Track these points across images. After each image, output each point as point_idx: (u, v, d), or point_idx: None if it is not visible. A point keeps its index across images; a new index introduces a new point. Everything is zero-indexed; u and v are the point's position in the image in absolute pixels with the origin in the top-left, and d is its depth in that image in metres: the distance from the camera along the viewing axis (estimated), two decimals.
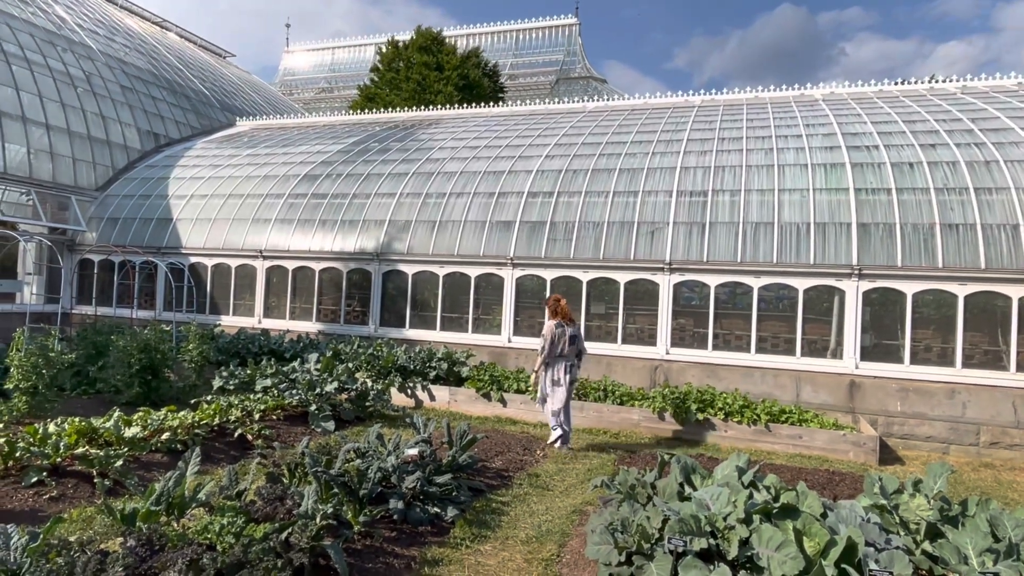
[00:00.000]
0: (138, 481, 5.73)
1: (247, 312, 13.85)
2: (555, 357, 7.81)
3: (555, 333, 7.75)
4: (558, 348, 7.75)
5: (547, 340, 7.75)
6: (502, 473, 6.86)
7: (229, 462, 6.70)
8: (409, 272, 12.54)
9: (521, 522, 5.46)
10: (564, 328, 7.81)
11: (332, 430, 8.21)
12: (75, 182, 15.82)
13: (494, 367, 11.02)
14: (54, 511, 4.98)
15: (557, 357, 7.80)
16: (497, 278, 11.92)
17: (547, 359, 7.83)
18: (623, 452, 8.11)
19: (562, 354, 7.80)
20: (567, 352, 7.82)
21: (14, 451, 5.35)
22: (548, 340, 7.74)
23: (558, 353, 7.78)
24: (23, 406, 7.40)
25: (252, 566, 3.44)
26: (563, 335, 7.78)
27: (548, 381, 7.88)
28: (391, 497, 5.04)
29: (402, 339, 12.28)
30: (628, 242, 11.20)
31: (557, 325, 7.80)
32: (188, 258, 14.39)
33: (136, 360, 8.71)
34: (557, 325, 7.80)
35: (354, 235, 13.14)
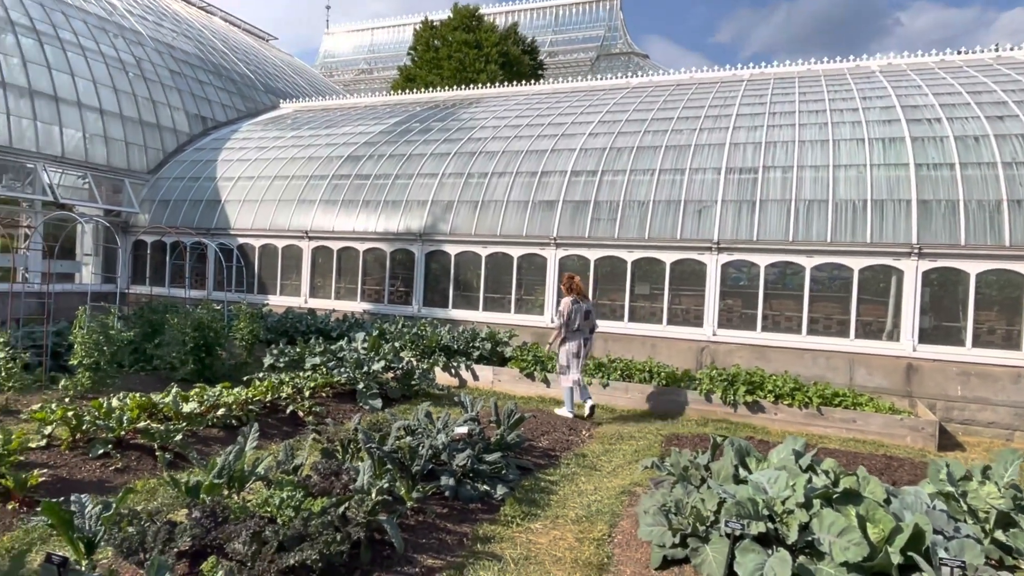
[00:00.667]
0: (197, 455, 5.90)
1: (294, 292, 14.11)
2: (572, 332, 8.31)
3: (572, 309, 8.24)
4: (575, 323, 8.27)
5: (564, 316, 8.24)
6: (549, 453, 6.85)
7: (282, 437, 6.85)
8: (452, 252, 12.56)
9: (570, 501, 5.44)
10: (580, 304, 8.33)
11: (379, 408, 8.32)
12: (128, 165, 16.27)
13: (537, 347, 10.99)
14: (120, 482, 5.17)
15: (575, 331, 8.32)
16: (540, 258, 11.84)
17: (565, 334, 8.31)
18: (669, 434, 8.02)
19: (579, 328, 8.34)
20: (583, 326, 8.37)
21: (81, 424, 5.55)
22: (565, 316, 8.24)
23: (575, 328, 8.29)
24: (87, 381, 7.69)
25: (312, 539, 3.49)
26: (579, 311, 8.31)
27: (568, 355, 8.36)
28: (442, 474, 5.07)
29: (445, 319, 12.35)
30: (674, 221, 10.98)
31: (573, 301, 8.29)
32: (236, 239, 14.69)
33: (190, 338, 8.96)
34: (573, 301, 8.29)
35: (397, 215, 13.20)
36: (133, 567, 3.23)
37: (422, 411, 6.18)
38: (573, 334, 8.33)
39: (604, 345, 11.15)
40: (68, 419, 5.53)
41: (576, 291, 8.36)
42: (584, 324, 8.36)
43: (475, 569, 4.09)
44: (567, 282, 8.44)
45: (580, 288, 8.42)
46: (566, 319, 8.23)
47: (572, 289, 8.37)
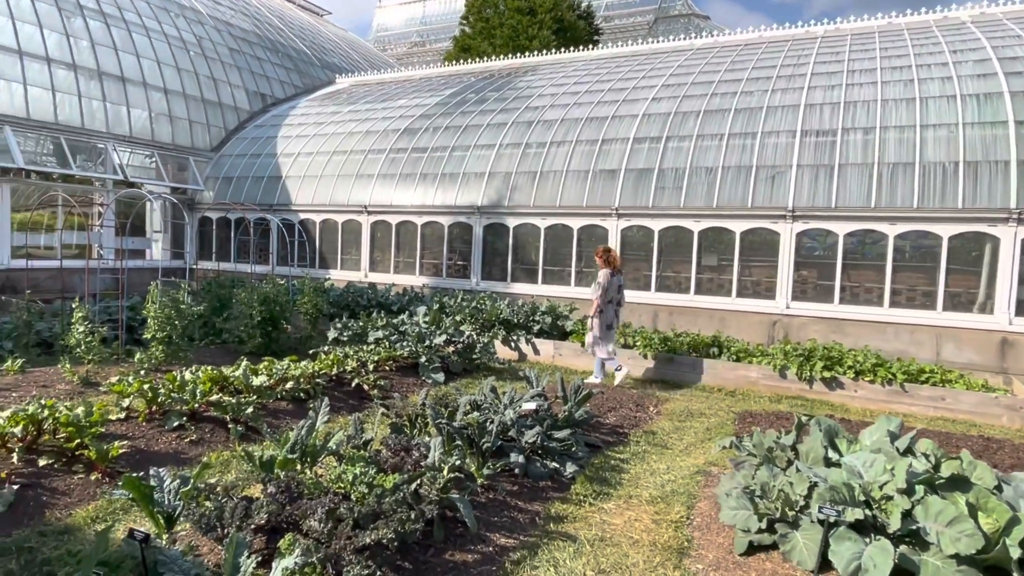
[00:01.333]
0: (268, 427, 5.96)
1: (354, 266, 14.23)
2: (607, 303, 8.54)
3: (610, 282, 8.48)
4: (610, 295, 8.53)
5: (603, 287, 8.44)
6: (617, 429, 6.64)
7: (349, 411, 6.87)
8: (510, 225, 12.36)
9: (643, 481, 5.24)
10: (616, 277, 8.63)
11: (442, 381, 8.28)
12: (192, 143, 16.65)
13: None
14: (195, 454, 5.25)
15: (609, 303, 8.56)
16: (601, 230, 11.51)
17: (602, 306, 8.48)
18: (742, 411, 7.68)
19: (611, 300, 8.58)
20: (615, 298, 8.65)
21: (156, 397, 5.66)
22: (603, 287, 8.44)
23: (609, 300, 8.54)
24: (160, 354, 7.90)
25: (386, 517, 3.41)
26: (615, 284, 8.61)
27: (603, 326, 8.56)
28: (511, 451, 4.94)
29: (504, 293, 12.21)
30: (745, 188, 10.45)
31: (611, 274, 8.53)
32: (298, 214, 14.88)
33: (257, 312, 9.10)
34: (611, 274, 8.53)
35: (454, 188, 13.06)
36: (212, 542, 3.22)
37: (487, 386, 6.06)
38: (608, 306, 8.53)
39: (669, 318, 10.81)
40: (144, 392, 5.65)
41: (613, 264, 8.58)
42: (617, 296, 8.65)
43: (549, 549, 3.95)
44: (604, 255, 8.63)
45: (616, 261, 8.67)
46: (604, 291, 8.41)
47: (609, 262, 8.56)
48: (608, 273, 8.48)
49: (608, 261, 8.57)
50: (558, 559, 3.84)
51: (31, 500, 4.22)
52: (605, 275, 8.48)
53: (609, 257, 8.58)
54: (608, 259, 8.58)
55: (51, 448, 4.73)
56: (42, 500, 4.25)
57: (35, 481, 4.41)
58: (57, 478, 4.51)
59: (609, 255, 8.59)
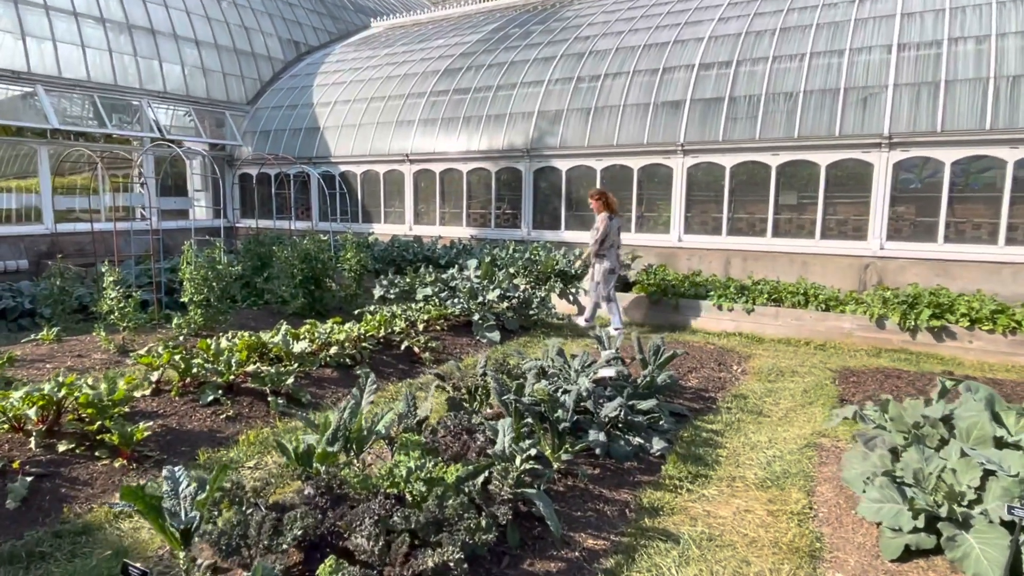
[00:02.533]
0: (311, 399, 5.38)
1: (398, 219, 13.55)
2: (608, 248, 8.14)
3: (609, 226, 8.07)
4: (610, 240, 8.12)
5: (602, 232, 8.05)
6: (702, 394, 5.83)
7: (399, 377, 6.24)
8: (562, 168, 11.39)
9: (743, 458, 4.45)
10: (615, 220, 8.22)
11: (498, 341, 7.58)
12: (227, 97, 16.04)
13: (664, 269, 9.81)
14: (232, 432, 4.70)
15: (610, 248, 8.16)
16: (664, 169, 10.45)
17: (604, 251, 8.11)
18: (839, 368, 6.75)
19: (613, 245, 8.19)
20: (616, 242, 8.27)
21: (190, 368, 5.11)
22: (603, 232, 8.05)
23: (610, 245, 8.14)
24: (199, 319, 7.40)
25: (451, 525, 2.72)
26: (615, 227, 8.19)
27: (604, 272, 8.18)
28: (589, 427, 4.20)
29: (558, 242, 11.35)
30: (831, 115, 9.19)
31: (610, 217, 8.12)
32: (338, 166, 14.20)
33: (299, 271, 8.52)
34: (610, 217, 8.12)
35: (501, 131, 12.11)
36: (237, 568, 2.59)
37: (552, 348, 5.29)
38: (610, 251, 8.16)
39: (743, 264, 9.79)
40: (175, 363, 5.10)
41: (611, 207, 8.24)
42: (617, 239, 8.31)
43: (648, 554, 3.23)
44: (601, 198, 8.24)
45: (615, 204, 8.35)
46: (603, 236, 8.06)
47: (608, 205, 8.21)
48: (607, 217, 8.11)
49: (607, 204, 8.21)
50: (661, 568, 3.12)
51: (48, 493, 3.71)
52: (603, 219, 8.10)
53: (607, 200, 8.23)
54: (606, 202, 8.22)
55: (72, 432, 4.22)
56: (60, 492, 3.74)
57: (53, 470, 3.90)
58: (79, 465, 4.00)
59: (607, 198, 8.25)
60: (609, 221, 8.10)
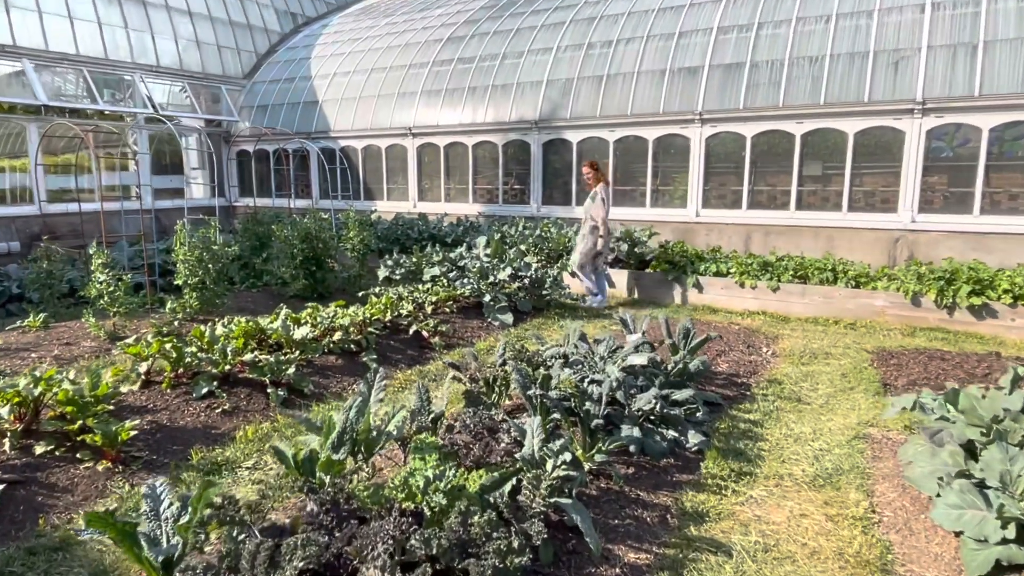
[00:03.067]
0: (314, 389, 5.00)
1: (401, 196, 13.07)
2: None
3: (607, 195, 7.99)
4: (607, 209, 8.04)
5: (608, 203, 7.96)
6: (733, 379, 5.43)
7: (408, 364, 5.84)
8: (573, 140, 10.89)
9: (788, 452, 4.05)
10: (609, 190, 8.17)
11: (510, 323, 7.17)
12: (223, 71, 15.48)
13: (682, 246, 9.35)
14: (228, 427, 4.31)
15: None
16: (681, 139, 9.94)
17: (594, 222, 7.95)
18: (875, 349, 6.34)
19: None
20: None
21: (182, 357, 4.72)
22: (608, 203, 8.00)
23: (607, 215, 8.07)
24: (194, 303, 7.00)
25: (478, 547, 2.33)
26: (610, 198, 8.17)
27: (605, 244, 8.10)
28: (620, 421, 3.80)
29: (569, 218, 10.88)
30: (859, 80, 8.66)
31: (604, 188, 7.95)
32: (338, 141, 13.70)
33: (299, 251, 8.09)
34: (604, 188, 7.95)
35: (508, 102, 11.58)
36: None
37: (574, 333, 4.88)
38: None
39: (764, 239, 9.34)
40: (167, 352, 4.71)
41: (606, 179, 8.15)
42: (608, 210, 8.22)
43: (698, 569, 2.84)
44: (595, 169, 8.07)
45: (605, 174, 8.31)
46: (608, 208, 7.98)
47: (602, 176, 8.07)
48: (605, 187, 8.02)
49: (600, 176, 8.06)
50: None
51: (22, 502, 3.34)
52: (604, 189, 7.97)
53: (602, 171, 8.18)
54: (601, 174, 8.09)
55: (52, 432, 3.83)
56: (36, 501, 3.36)
57: (29, 475, 3.52)
58: (58, 469, 3.62)
59: (599, 168, 8.13)
60: (606, 191, 8.03)
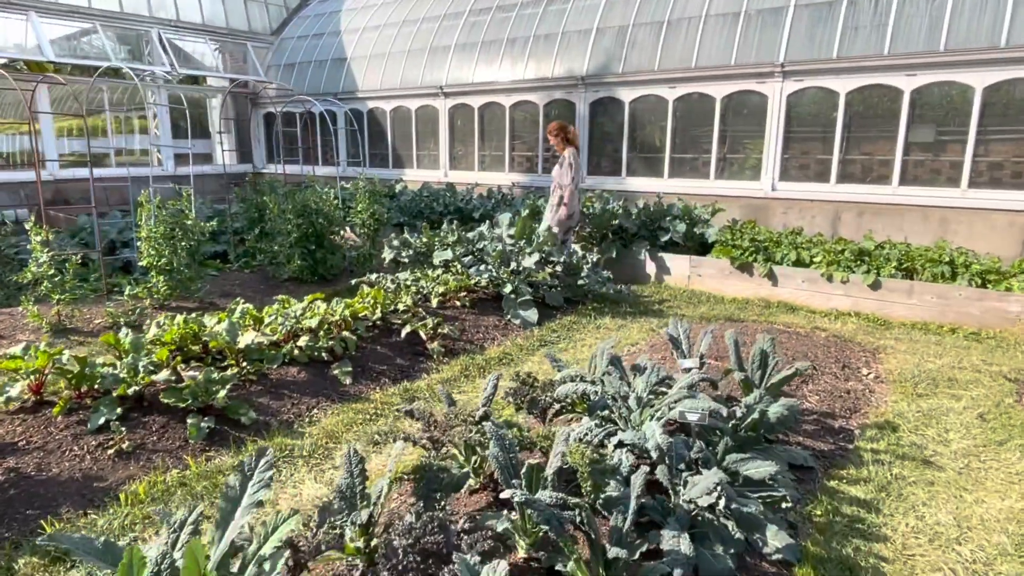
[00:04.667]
0: (257, 416, 3.80)
1: (431, 164, 11.77)
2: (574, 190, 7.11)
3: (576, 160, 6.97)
4: (577, 180, 7.04)
5: (576, 167, 6.91)
6: (827, 422, 3.93)
7: (392, 378, 4.58)
8: (625, 99, 9.29)
9: (922, 566, 2.60)
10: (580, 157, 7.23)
11: (534, 322, 5.81)
12: (248, 26, 14.41)
13: (753, 226, 7.76)
14: (118, 478, 3.16)
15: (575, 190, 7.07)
16: (756, 97, 8.24)
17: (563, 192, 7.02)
18: (1017, 372, 4.69)
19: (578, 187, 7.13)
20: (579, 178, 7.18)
21: (84, 373, 3.59)
22: (575, 169, 6.90)
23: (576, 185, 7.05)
24: (162, 288, 5.94)
25: None
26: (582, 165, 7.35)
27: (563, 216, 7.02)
28: (663, 518, 2.43)
29: (618, 191, 9.37)
30: (994, 19, 6.76)
31: (574, 153, 6.92)
32: (366, 103, 12.46)
33: (293, 227, 6.93)
34: (574, 153, 6.92)
35: (551, 55, 10.03)
36: None
37: (603, 355, 3.49)
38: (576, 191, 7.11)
39: (857, 221, 7.63)
40: (63, 367, 3.58)
41: (575, 142, 7.04)
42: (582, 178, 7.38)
43: None
44: (561, 131, 6.98)
45: (577, 138, 7.18)
46: (576, 172, 6.91)
47: (570, 139, 6.98)
48: (576, 152, 6.95)
49: (569, 139, 6.98)
50: None
51: None
52: (574, 154, 6.91)
53: (569, 134, 7.01)
54: (569, 136, 6.99)
55: None
56: None
57: None
58: None
59: (568, 131, 7.02)
60: (578, 157, 7.00)
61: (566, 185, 6.89)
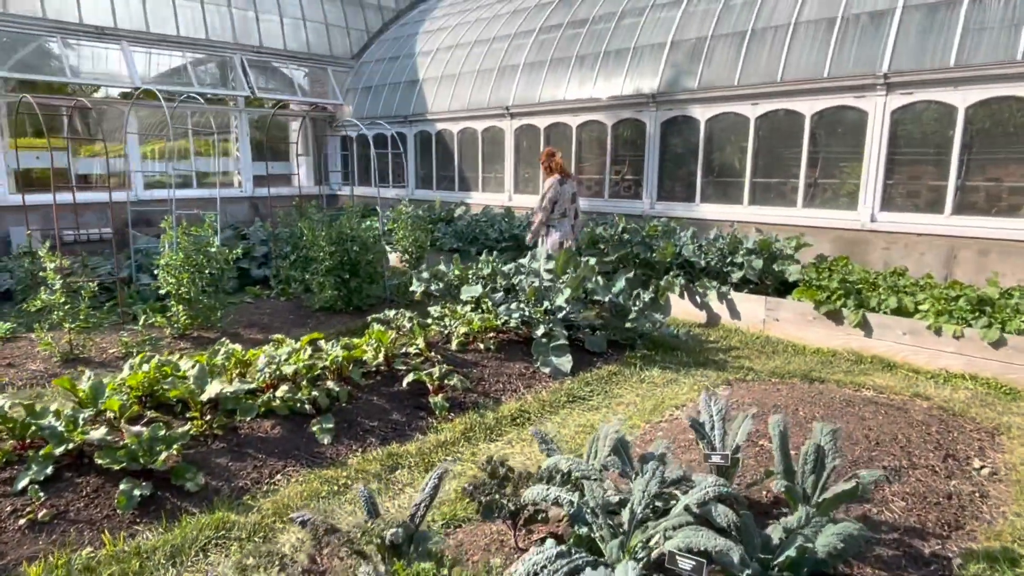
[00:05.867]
0: (209, 480, 3.31)
1: (496, 187, 11.27)
2: (559, 219, 7.00)
3: (558, 191, 6.90)
4: (562, 208, 6.97)
5: (547, 199, 6.90)
6: (912, 543, 2.93)
7: (381, 439, 3.98)
8: (701, 117, 8.38)
9: None
10: (566, 185, 6.98)
11: (567, 371, 5.06)
12: (330, 51, 14.61)
13: (846, 263, 6.63)
14: (18, 555, 2.73)
15: (562, 218, 7.01)
16: (853, 114, 7.11)
17: (553, 220, 6.97)
18: None
19: (565, 214, 7.03)
20: (569, 211, 7.07)
21: (27, 424, 3.24)
22: (549, 199, 6.89)
23: (561, 213, 6.99)
24: (182, 317, 5.70)
25: None
26: (565, 193, 6.97)
27: (554, 247, 6.94)
28: None
29: (690, 219, 8.43)
30: None
31: (560, 182, 6.91)
32: (435, 124, 12.19)
33: (326, 254, 6.57)
34: (560, 182, 6.91)
35: (621, 72, 9.28)
36: None
37: (605, 440, 2.72)
38: (560, 222, 7.03)
39: (977, 261, 6.33)
40: (5, 414, 3.25)
41: (559, 169, 6.98)
42: (571, 208, 7.10)
43: None
44: (547, 160, 7.02)
45: (562, 165, 7.06)
46: (551, 204, 6.91)
47: (553, 168, 6.97)
48: (556, 181, 6.88)
49: (551, 168, 6.95)
50: None
51: None
52: (553, 184, 6.87)
53: (552, 163, 6.95)
54: (551, 165, 6.96)
55: None
56: None
57: None
58: None
59: (553, 160, 6.98)
60: (560, 186, 6.87)
61: (538, 204, 6.91)
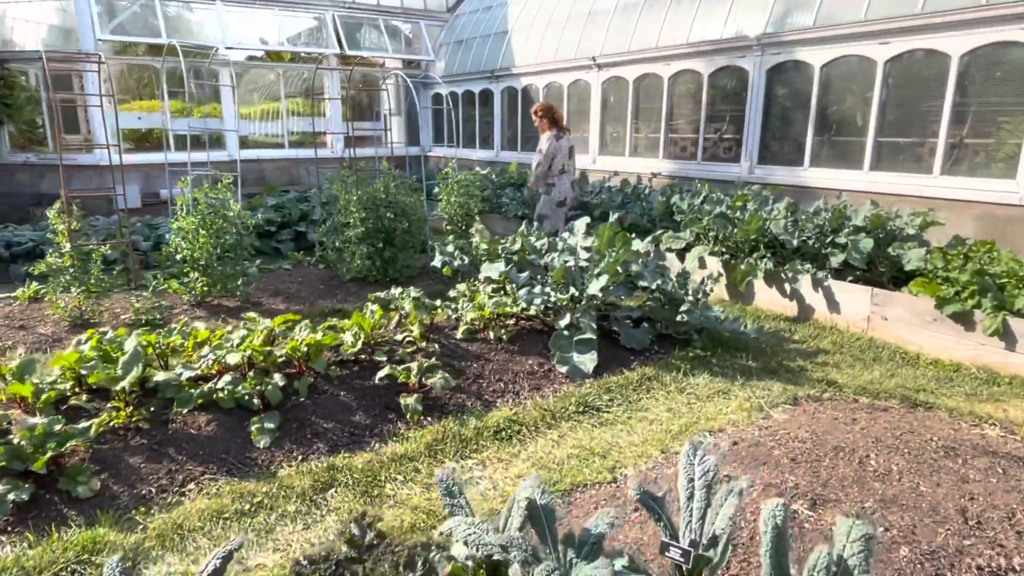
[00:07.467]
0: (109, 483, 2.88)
1: (581, 148, 10.23)
2: (559, 174, 6.62)
3: (555, 146, 6.53)
4: (560, 163, 6.59)
5: (545, 154, 6.52)
6: None
7: (330, 445, 3.36)
8: (815, 62, 6.87)
9: None
10: (563, 139, 6.61)
11: (588, 372, 4.17)
12: (424, 4, 14.02)
13: (990, 248, 5.07)
14: None
15: (561, 174, 6.64)
16: (1017, 52, 5.39)
17: (551, 177, 6.58)
18: None
19: (564, 170, 6.67)
20: (569, 167, 6.74)
21: None
22: (547, 154, 6.53)
23: (560, 169, 6.61)
24: (198, 284, 5.44)
25: None
26: (562, 149, 6.59)
27: (553, 203, 6.66)
28: None
29: (794, 186, 7.03)
30: None
31: (556, 136, 6.55)
32: (520, 79, 11.30)
33: (358, 220, 6.04)
34: (556, 136, 6.55)
35: (723, 11, 7.87)
36: None
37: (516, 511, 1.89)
38: (560, 178, 6.61)
39: None
40: None
41: (558, 123, 6.60)
42: (570, 164, 6.71)
43: None
44: (546, 113, 6.59)
45: (561, 119, 6.74)
46: (548, 160, 6.52)
47: (555, 121, 6.58)
48: (553, 136, 6.56)
49: (553, 121, 6.60)
50: None
51: None
52: (549, 139, 6.54)
53: (554, 116, 6.62)
54: (553, 118, 6.60)
55: None
56: None
57: None
58: None
59: (553, 113, 6.64)
60: (556, 141, 6.54)
61: (537, 159, 6.54)
